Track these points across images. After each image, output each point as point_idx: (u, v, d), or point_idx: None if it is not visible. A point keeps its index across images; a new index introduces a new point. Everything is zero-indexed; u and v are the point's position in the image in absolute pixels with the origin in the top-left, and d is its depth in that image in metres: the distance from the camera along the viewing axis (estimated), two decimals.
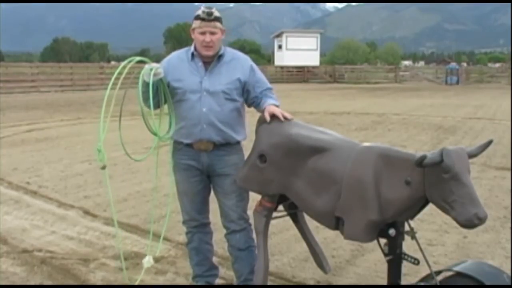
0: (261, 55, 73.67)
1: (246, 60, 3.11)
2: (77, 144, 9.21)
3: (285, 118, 2.91)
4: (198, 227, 3.21)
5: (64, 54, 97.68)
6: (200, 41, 2.93)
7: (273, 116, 2.94)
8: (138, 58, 2.93)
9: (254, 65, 3.12)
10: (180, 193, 3.18)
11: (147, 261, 3.32)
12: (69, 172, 6.91)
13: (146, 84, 2.84)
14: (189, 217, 3.19)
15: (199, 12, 2.94)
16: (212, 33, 2.91)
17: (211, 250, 3.31)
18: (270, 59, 56.68)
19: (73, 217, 4.95)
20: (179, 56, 3.09)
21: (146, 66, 2.85)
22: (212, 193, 3.25)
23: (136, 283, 3.33)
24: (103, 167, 2.82)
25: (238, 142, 3.13)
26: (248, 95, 3.09)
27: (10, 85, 24.38)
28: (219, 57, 3.01)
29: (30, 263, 3.81)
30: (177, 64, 3.04)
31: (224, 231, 3.21)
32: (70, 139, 9.84)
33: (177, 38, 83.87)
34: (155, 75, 2.84)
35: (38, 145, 9.25)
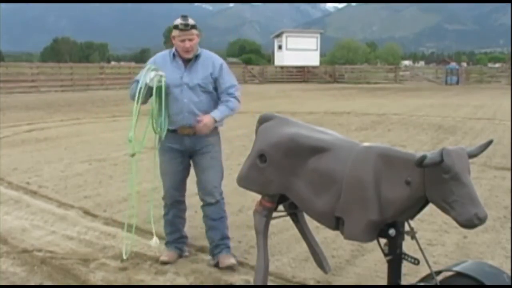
0: (261, 55, 73.61)
1: (218, 59, 3.71)
2: (77, 144, 9.21)
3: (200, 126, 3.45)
4: (174, 203, 3.76)
5: (64, 54, 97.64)
6: (181, 47, 3.54)
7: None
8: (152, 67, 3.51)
9: (225, 65, 3.72)
10: (162, 172, 3.72)
11: (154, 242, 3.68)
12: (69, 172, 6.91)
13: (147, 86, 3.41)
14: (167, 194, 3.75)
15: (177, 23, 3.53)
16: (190, 40, 3.52)
17: (183, 223, 3.88)
18: (270, 59, 56.68)
19: (73, 217, 4.95)
20: (162, 56, 3.70)
21: (153, 72, 3.41)
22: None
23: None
24: (133, 155, 3.46)
25: (215, 127, 3.64)
26: (217, 90, 3.65)
27: (10, 85, 24.39)
28: (196, 56, 3.62)
29: (30, 263, 3.80)
30: (161, 63, 3.62)
31: (201, 203, 3.72)
32: (70, 139, 9.84)
33: None
34: (159, 81, 3.42)
35: (38, 145, 9.24)
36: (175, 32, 3.54)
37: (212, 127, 3.52)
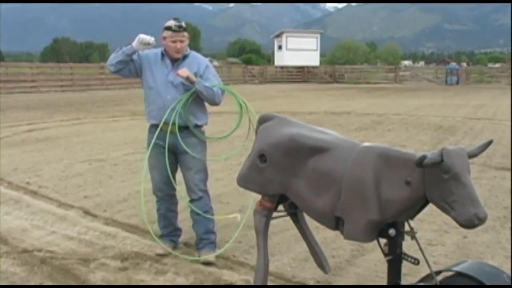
0: (261, 55, 73.62)
1: (204, 60, 3.87)
2: (77, 144, 9.21)
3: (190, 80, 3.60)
4: (165, 197, 3.91)
5: (64, 54, 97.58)
6: (172, 48, 3.70)
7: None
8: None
9: (211, 66, 3.86)
10: (150, 167, 3.88)
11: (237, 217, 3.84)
12: (69, 172, 6.91)
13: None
14: (157, 188, 3.90)
15: (171, 24, 3.67)
16: (181, 41, 3.70)
17: (176, 216, 4.04)
18: (270, 59, 56.67)
19: (73, 217, 4.95)
20: (155, 54, 3.83)
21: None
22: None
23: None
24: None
25: (197, 126, 3.81)
26: None
27: (10, 85, 24.35)
28: (184, 57, 3.78)
29: (30, 263, 3.80)
30: (153, 59, 3.81)
31: (188, 198, 3.88)
32: (70, 139, 9.83)
33: None
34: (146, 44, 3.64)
35: (38, 145, 9.24)
36: (167, 33, 3.69)
37: (192, 78, 3.61)
